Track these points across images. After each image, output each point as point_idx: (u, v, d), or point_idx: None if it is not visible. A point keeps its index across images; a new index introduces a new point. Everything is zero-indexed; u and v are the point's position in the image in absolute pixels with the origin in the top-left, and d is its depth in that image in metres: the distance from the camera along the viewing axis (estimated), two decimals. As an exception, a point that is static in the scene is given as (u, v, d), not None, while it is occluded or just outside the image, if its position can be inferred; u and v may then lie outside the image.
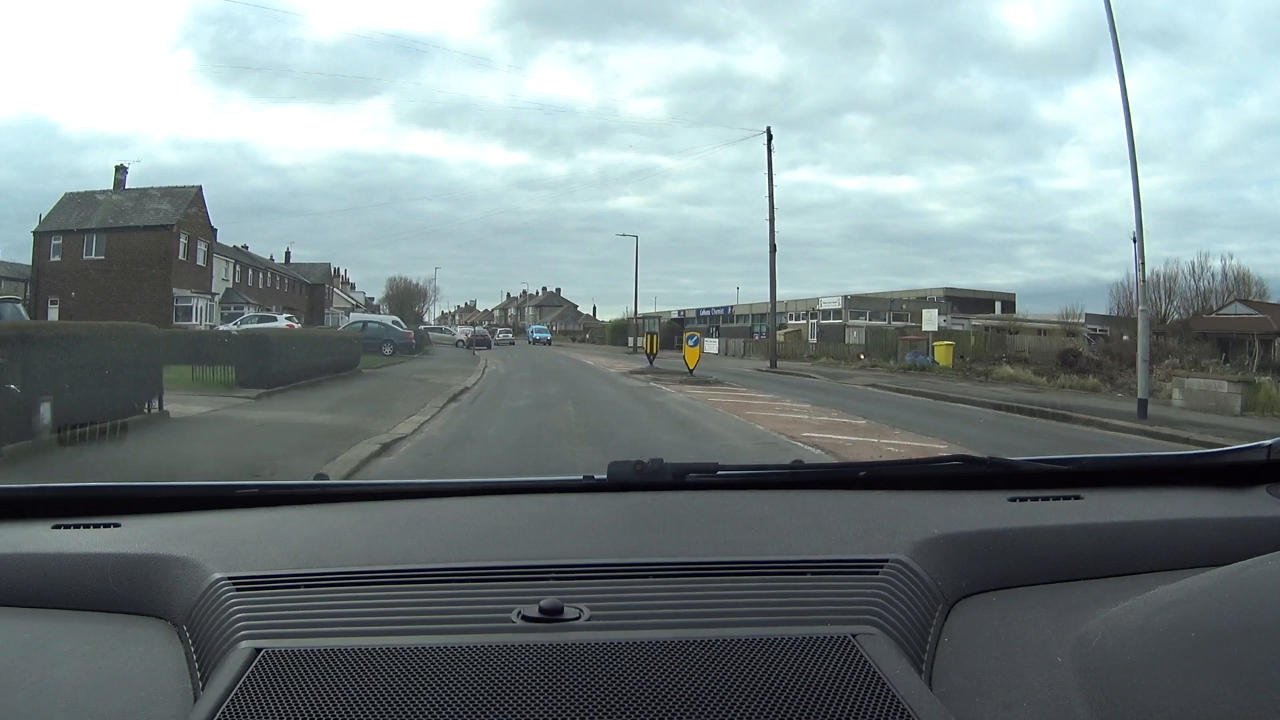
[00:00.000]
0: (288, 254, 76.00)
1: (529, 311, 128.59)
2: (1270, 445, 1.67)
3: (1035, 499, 1.64)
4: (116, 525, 1.55)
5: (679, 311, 68.58)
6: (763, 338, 54.38)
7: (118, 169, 43.69)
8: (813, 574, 1.25)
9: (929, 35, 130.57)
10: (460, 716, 0.91)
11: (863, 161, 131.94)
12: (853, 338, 49.40)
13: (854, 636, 1.07)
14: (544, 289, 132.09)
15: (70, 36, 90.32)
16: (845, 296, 53.88)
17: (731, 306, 64.29)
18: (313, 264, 75.99)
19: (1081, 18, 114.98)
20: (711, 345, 51.56)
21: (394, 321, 41.27)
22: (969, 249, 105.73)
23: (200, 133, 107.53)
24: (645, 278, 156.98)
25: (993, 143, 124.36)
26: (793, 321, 55.84)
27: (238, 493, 1.73)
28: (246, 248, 64.63)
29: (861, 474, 1.87)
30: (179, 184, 44.34)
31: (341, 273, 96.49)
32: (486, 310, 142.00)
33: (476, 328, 71.71)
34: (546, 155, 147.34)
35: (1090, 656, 1.02)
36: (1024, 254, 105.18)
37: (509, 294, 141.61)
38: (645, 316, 50.91)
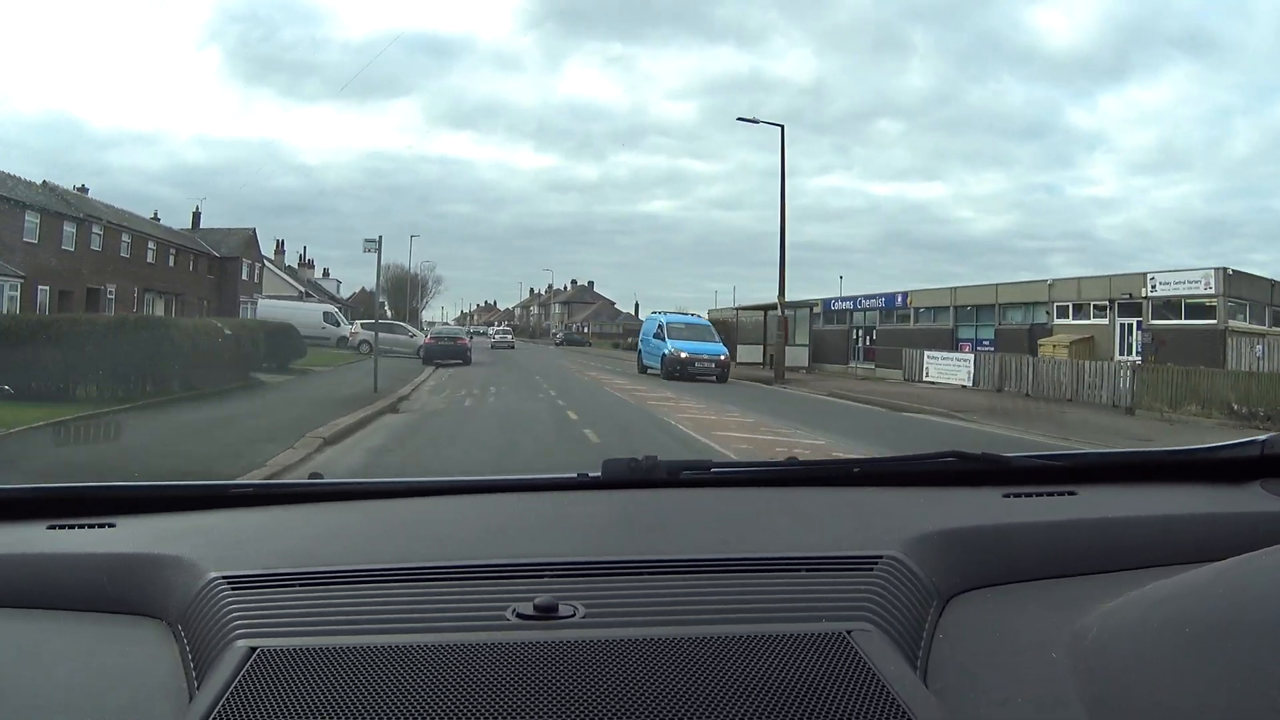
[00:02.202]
0: (196, 216, 51.05)
1: (554, 309, 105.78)
2: (1264, 441, 1.68)
3: (1030, 495, 1.65)
4: (111, 525, 1.56)
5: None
6: (987, 348, 27.58)
7: None
8: (807, 571, 1.25)
9: (961, 39, 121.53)
10: (455, 714, 0.92)
11: (894, 167, 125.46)
12: (1255, 355, 22.49)
13: (849, 633, 1.08)
14: (573, 282, 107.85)
15: (95, 33, 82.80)
16: (1224, 272, 25.37)
17: (905, 294, 35.80)
18: (228, 229, 50.60)
19: (1114, 22, 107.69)
20: (957, 369, 24.84)
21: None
22: (1000, 256, 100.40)
23: (227, 131, 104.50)
24: (671, 281, 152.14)
25: (1024, 149, 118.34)
26: (1062, 322, 28.74)
27: (232, 492, 1.75)
28: (85, 189, 39.24)
29: (856, 470, 1.88)
30: None
31: (300, 252, 70.93)
32: (507, 309, 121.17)
33: (438, 325, 46.50)
34: (576, 157, 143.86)
35: (1085, 652, 1.03)
36: (1053, 261, 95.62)
37: (531, 289, 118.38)
38: (793, 305, 25.00)
